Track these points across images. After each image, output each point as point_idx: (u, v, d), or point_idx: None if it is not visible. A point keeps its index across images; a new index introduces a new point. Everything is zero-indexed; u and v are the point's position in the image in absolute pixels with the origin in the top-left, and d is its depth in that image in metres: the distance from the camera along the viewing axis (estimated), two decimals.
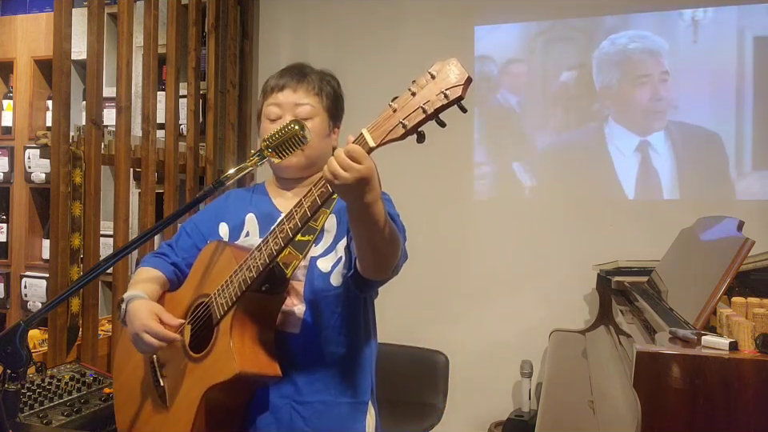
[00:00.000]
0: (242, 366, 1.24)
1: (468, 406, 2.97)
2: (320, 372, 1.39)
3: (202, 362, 1.32)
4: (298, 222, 1.20)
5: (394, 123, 1.08)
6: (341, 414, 1.40)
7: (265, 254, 1.25)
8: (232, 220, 1.49)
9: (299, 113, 1.44)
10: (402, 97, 1.09)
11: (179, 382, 1.35)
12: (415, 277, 2.90)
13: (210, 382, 1.27)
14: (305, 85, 1.46)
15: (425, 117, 1.06)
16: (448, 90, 1.05)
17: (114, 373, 1.56)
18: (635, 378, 1.37)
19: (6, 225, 3.26)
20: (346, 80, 1.60)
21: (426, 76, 1.08)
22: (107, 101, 2.56)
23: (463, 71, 1.06)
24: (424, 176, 3.08)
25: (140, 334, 1.30)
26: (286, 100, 1.45)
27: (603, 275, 2.66)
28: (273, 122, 1.45)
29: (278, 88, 1.46)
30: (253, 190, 1.56)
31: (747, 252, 1.54)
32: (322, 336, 1.39)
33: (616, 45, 2.91)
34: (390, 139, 1.09)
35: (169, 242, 1.55)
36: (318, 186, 1.17)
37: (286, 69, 1.51)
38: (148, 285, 1.44)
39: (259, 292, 1.30)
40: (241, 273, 1.28)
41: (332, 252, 1.41)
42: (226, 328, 1.29)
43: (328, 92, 1.49)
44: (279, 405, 1.36)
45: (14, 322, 1.45)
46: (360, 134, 1.11)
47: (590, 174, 2.96)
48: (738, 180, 2.78)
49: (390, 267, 1.27)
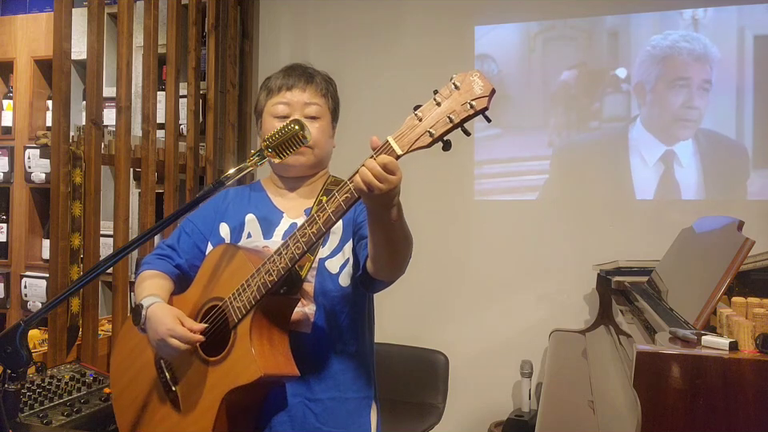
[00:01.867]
0: (265, 368, 1.26)
1: (468, 406, 2.97)
2: (330, 369, 1.42)
3: (219, 364, 1.32)
4: (321, 227, 1.22)
5: (420, 132, 1.12)
6: (349, 409, 1.44)
7: (286, 258, 1.26)
8: (232, 220, 1.50)
9: (308, 112, 1.46)
10: (426, 106, 1.13)
11: (195, 385, 1.35)
12: (415, 277, 2.89)
13: (232, 384, 1.29)
14: (314, 86, 1.48)
15: (451, 126, 1.11)
16: (474, 101, 1.10)
17: (113, 377, 1.55)
18: (635, 378, 1.37)
19: (6, 225, 3.26)
20: (346, 80, 1.61)
21: (448, 86, 1.12)
22: (107, 101, 2.56)
23: (487, 83, 1.10)
24: (424, 176, 3.08)
25: (166, 339, 1.30)
26: (295, 99, 1.46)
27: (603, 275, 2.66)
28: (280, 120, 1.45)
29: (287, 87, 1.47)
30: (250, 189, 1.56)
31: (747, 252, 1.54)
32: (332, 335, 1.42)
33: (667, 40, 2.85)
34: (416, 147, 1.13)
35: (168, 242, 1.54)
36: (343, 192, 1.18)
37: (291, 68, 1.52)
38: (160, 290, 1.44)
39: (277, 295, 1.31)
40: (259, 277, 1.28)
41: (339, 253, 1.43)
42: (244, 331, 1.30)
43: (332, 94, 1.53)
44: (292, 403, 1.39)
45: (13, 322, 1.45)
46: (386, 141, 1.13)
47: (590, 174, 2.96)
48: (738, 180, 2.78)
49: (403, 267, 1.30)
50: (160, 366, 1.43)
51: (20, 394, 1.80)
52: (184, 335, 1.29)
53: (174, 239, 1.54)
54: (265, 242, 1.44)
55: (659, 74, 2.86)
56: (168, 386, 1.41)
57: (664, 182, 2.87)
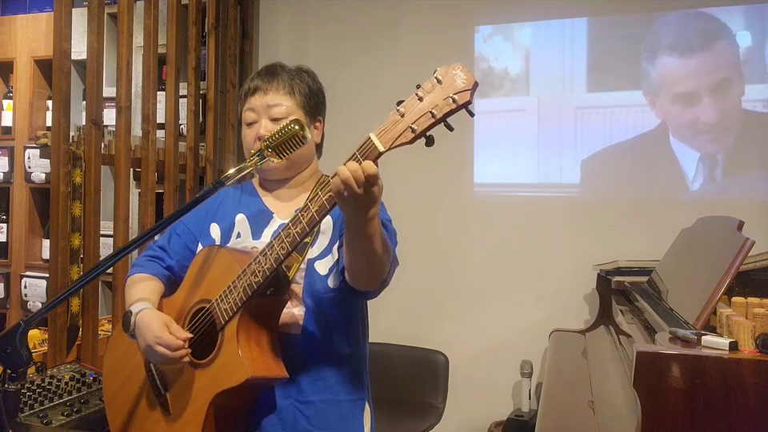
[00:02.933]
0: (252, 370, 1.25)
1: (468, 406, 2.97)
2: (322, 371, 1.40)
3: (207, 368, 1.32)
4: (305, 226, 1.20)
5: (402, 128, 1.09)
6: (341, 411, 1.42)
7: (271, 259, 1.24)
8: (223, 221, 1.48)
9: (273, 114, 1.43)
10: (408, 101, 1.10)
11: (184, 388, 1.35)
12: (415, 277, 2.91)
13: (219, 387, 1.28)
14: (274, 85, 1.45)
15: (434, 121, 1.08)
16: (456, 95, 1.06)
17: (105, 381, 1.54)
18: (635, 378, 1.37)
19: (6, 225, 3.26)
20: (346, 80, 1.61)
21: (431, 81, 1.09)
22: (107, 101, 2.56)
23: (470, 76, 1.07)
24: (424, 175, 3.08)
25: (153, 346, 1.29)
26: (258, 103, 1.45)
27: (603, 275, 2.66)
28: (250, 127, 1.45)
29: (251, 92, 1.46)
30: (242, 189, 1.54)
31: (747, 252, 1.54)
32: (323, 336, 1.40)
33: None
34: (399, 143, 1.10)
35: (159, 243, 1.53)
36: (326, 191, 1.16)
37: (258, 72, 1.51)
38: (150, 293, 1.43)
39: (264, 296, 1.30)
40: (245, 278, 1.27)
41: (329, 255, 1.41)
42: (231, 333, 1.29)
43: (301, 89, 1.47)
44: (283, 406, 1.37)
45: (13, 322, 1.45)
46: (368, 138, 1.11)
47: (590, 174, 2.96)
48: (738, 179, 2.78)
49: (378, 280, 1.27)
50: (150, 370, 1.43)
51: (20, 394, 1.81)
52: (171, 342, 1.28)
53: (164, 240, 1.52)
54: (254, 242, 1.43)
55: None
56: (158, 390, 1.40)
57: (664, 182, 2.87)
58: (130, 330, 1.36)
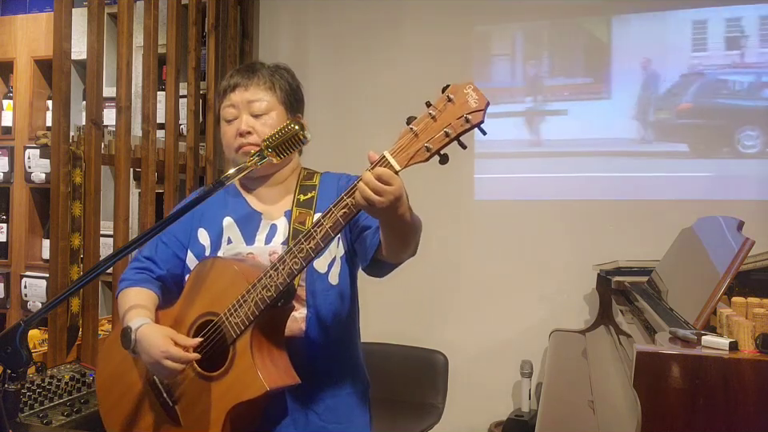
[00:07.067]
0: (269, 382, 1.26)
1: (468, 406, 2.96)
2: (327, 368, 1.42)
3: (220, 380, 1.31)
4: (320, 243, 1.22)
5: (418, 147, 1.12)
6: (349, 403, 1.45)
7: (284, 274, 1.25)
8: (210, 225, 1.46)
9: (254, 110, 1.43)
10: (421, 120, 1.12)
11: (194, 400, 1.34)
12: (415, 277, 2.91)
13: (236, 399, 1.28)
14: (255, 80, 1.45)
15: (448, 140, 1.12)
16: (470, 115, 1.10)
17: (100, 395, 1.51)
18: (635, 378, 1.37)
19: (6, 225, 3.26)
20: (346, 80, 1.60)
21: (442, 99, 1.11)
22: (107, 101, 2.56)
23: (482, 96, 1.10)
24: (424, 175, 3.07)
25: (161, 362, 1.28)
26: (238, 99, 1.44)
27: (603, 275, 2.66)
28: (230, 123, 1.45)
29: (230, 88, 1.46)
30: (225, 191, 1.49)
31: (747, 252, 1.54)
32: (326, 334, 1.41)
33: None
34: (414, 162, 1.13)
35: (145, 253, 1.49)
36: (340, 207, 1.18)
37: (236, 69, 1.50)
38: (145, 308, 1.40)
39: (274, 308, 1.31)
40: (256, 292, 1.27)
41: (326, 252, 1.40)
42: (244, 347, 1.29)
43: (281, 85, 1.47)
44: (294, 407, 1.39)
45: (13, 322, 1.45)
46: (383, 156, 1.13)
47: (590, 173, 2.96)
48: (738, 179, 2.78)
49: (414, 247, 1.33)
50: (154, 382, 1.41)
51: (20, 394, 1.81)
52: (180, 357, 1.27)
53: (151, 250, 1.48)
54: (248, 248, 1.42)
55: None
56: (166, 403, 1.39)
57: (664, 182, 2.87)
58: (131, 347, 1.34)
